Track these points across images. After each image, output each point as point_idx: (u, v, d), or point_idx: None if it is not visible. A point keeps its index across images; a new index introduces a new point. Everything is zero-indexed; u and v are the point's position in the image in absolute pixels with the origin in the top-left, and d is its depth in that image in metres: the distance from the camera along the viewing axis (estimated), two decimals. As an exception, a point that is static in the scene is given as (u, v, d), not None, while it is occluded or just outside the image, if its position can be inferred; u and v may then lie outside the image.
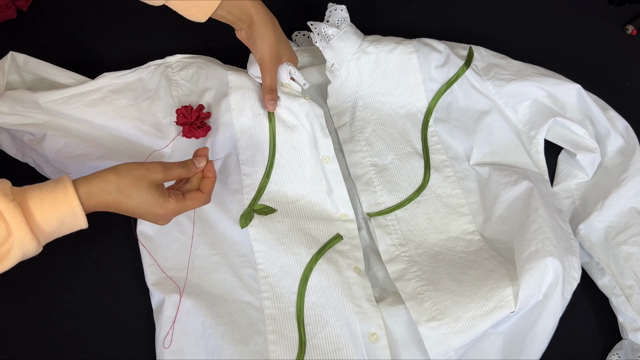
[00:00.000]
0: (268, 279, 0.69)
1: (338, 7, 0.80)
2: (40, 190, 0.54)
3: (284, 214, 0.73)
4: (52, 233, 0.55)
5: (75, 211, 0.55)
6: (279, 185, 0.75)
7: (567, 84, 0.82)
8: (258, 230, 0.71)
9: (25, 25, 0.93)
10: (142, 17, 0.95)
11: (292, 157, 0.76)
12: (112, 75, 0.80)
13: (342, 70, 0.80)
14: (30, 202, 0.53)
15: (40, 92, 0.77)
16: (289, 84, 0.78)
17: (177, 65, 0.83)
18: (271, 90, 0.75)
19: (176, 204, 0.61)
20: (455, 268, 0.70)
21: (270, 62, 0.74)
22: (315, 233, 0.72)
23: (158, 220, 0.62)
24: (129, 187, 0.58)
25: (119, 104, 0.79)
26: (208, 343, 0.66)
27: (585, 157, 0.79)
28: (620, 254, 0.73)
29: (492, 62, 0.85)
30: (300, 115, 0.76)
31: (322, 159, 0.76)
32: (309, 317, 0.67)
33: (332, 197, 0.75)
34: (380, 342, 0.66)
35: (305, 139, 0.76)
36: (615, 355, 0.71)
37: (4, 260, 0.53)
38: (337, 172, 0.76)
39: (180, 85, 0.81)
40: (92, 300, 0.73)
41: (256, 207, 0.72)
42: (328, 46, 0.79)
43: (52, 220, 0.54)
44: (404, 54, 0.80)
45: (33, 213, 0.53)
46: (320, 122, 0.76)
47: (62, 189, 0.55)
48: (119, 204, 0.58)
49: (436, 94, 0.81)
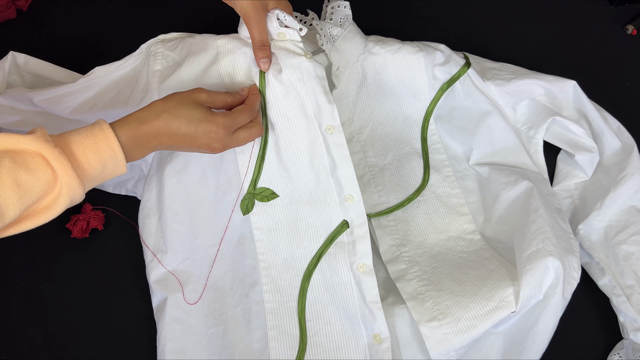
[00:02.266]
0: (269, 270, 0.68)
1: (341, 2, 0.75)
2: (79, 135, 0.54)
3: (285, 199, 0.69)
4: (95, 178, 0.55)
5: (116, 153, 0.55)
6: (276, 164, 0.69)
7: (564, 80, 0.83)
8: (260, 218, 0.69)
9: (25, 25, 0.93)
10: (143, 17, 0.95)
11: (289, 129, 0.68)
12: (105, 69, 0.76)
13: (347, 72, 0.76)
14: (73, 146, 0.53)
15: (34, 91, 0.76)
16: (283, 34, 0.68)
17: (169, 40, 0.75)
18: (262, 46, 0.65)
19: (225, 117, 0.60)
20: (455, 268, 0.70)
21: (255, 11, 0.64)
22: (319, 222, 0.69)
23: (212, 142, 0.60)
24: (175, 107, 0.58)
25: (107, 98, 0.75)
26: (210, 343, 0.66)
27: (583, 157, 0.79)
28: (620, 254, 0.73)
29: (487, 66, 0.86)
30: (298, 77, 0.66)
31: (326, 129, 0.68)
32: (311, 313, 0.66)
33: (336, 175, 0.68)
34: (383, 344, 0.65)
35: (306, 106, 0.67)
36: (616, 355, 0.71)
37: (52, 207, 0.53)
38: (343, 145, 0.68)
39: (165, 57, 0.72)
40: (92, 300, 0.73)
41: (256, 191, 0.69)
42: (334, 48, 0.74)
43: (95, 164, 0.54)
44: (410, 53, 0.77)
45: (78, 157, 0.53)
46: (323, 85, 0.67)
47: (100, 132, 0.55)
48: (169, 125, 0.58)
49: (437, 92, 0.81)
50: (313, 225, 0.69)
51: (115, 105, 0.74)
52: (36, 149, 0.51)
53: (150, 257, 0.70)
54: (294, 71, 0.66)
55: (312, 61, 0.67)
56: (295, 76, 0.66)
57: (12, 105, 0.77)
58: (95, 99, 0.75)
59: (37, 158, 0.51)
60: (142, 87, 0.72)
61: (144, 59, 0.75)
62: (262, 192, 0.69)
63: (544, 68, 0.87)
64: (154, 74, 0.71)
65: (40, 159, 0.51)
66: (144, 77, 0.73)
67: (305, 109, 0.67)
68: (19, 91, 0.77)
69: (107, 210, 0.77)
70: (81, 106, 0.75)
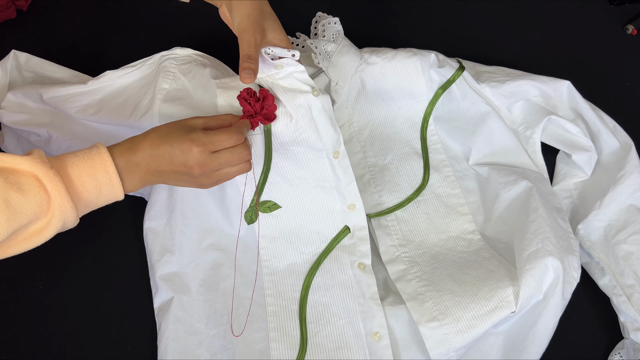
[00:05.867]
0: (272, 276, 0.70)
1: (331, 19, 0.77)
2: (76, 157, 0.53)
3: (289, 210, 0.71)
4: (90, 203, 0.54)
5: (112, 178, 0.54)
6: (280, 182, 0.70)
7: (558, 80, 0.83)
8: (264, 228, 0.70)
9: (25, 25, 0.93)
10: (143, 17, 0.95)
11: (293, 157, 0.69)
12: (115, 74, 0.76)
13: (346, 86, 0.77)
14: (69, 168, 0.52)
15: (45, 87, 0.76)
16: (280, 66, 0.65)
17: (184, 60, 0.75)
18: (248, 58, 0.61)
19: (202, 133, 0.57)
20: (455, 268, 0.70)
21: (250, 26, 0.62)
22: (321, 228, 0.71)
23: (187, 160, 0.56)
24: (163, 128, 0.57)
25: (113, 104, 0.76)
26: (212, 343, 0.67)
27: (580, 157, 0.79)
28: (620, 253, 0.73)
29: (481, 70, 0.86)
30: (306, 114, 0.66)
31: (333, 154, 0.69)
32: (311, 315, 0.67)
33: (340, 189, 0.71)
34: (382, 341, 0.66)
35: (312, 138, 0.67)
36: (617, 355, 0.71)
37: (44, 231, 0.51)
38: (347, 167, 0.70)
39: (176, 79, 0.73)
40: (92, 299, 0.73)
41: (260, 204, 0.71)
42: (331, 64, 0.76)
43: (90, 187, 0.53)
44: (405, 58, 0.78)
45: (73, 179, 0.52)
46: (330, 116, 0.68)
47: (97, 156, 0.53)
48: (152, 144, 0.56)
49: (435, 95, 0.81)
50: (316, 232, 0.71)
51: (119, 115, 0.74)
52: (31, 169, 0.50)
53: (157, 255, 0.70)
54: (301, 109, 0.65)
55: (319, 97, 0.65)
56: (302, 113, 0.65)
57: (21, 102, 0.77)
58: (100, 103, 0.76)
59: (31, 179, 0.50)
60: (146, 102, 0.72)
61: (155, 70, 0.75)
62: (265, 203, 0.71)
63: (543, 68, 0.87)
64: (160, 91, 0.72)
65: (34, 181, 0.50)
66: (150, 91, 0.73)
67: (311, 140, 0.67)
68: (30, 87, 0.77)
69: (109, 210, 0.77)
70: (87, 108, 0.75)
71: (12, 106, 0.76)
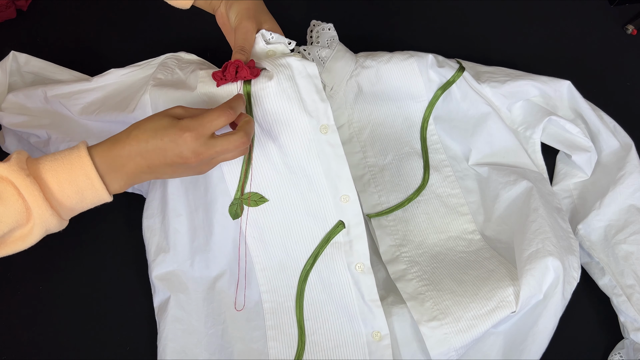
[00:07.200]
0: (265, 271, 0.68)
1: (325, 25, 0.77)
2: (55, 161, 0.50)
3: (276, 203, 0.67)
4: (74, 208, 0.52)
5: (93, 182, 0.51)
6: (265, 168, 0.66)
7: (558, 80, 0.83)
8: (250, 222, 0.67)
9: (25, 25, 0.93)
10: (143, 17, 0.95)
11: (278, 131, 0.64)
12: (120, 72, 0.76)
13: (341, 92, 0.78)
14: (46, 175, 0.49)
15: (48, 85, 0.76)
16: (272, 51, 0.65)
17: (187, 61, 0.74)
18: (242, 50, 0.61)
19: (190, 118, 0.53)
20: (455, 268, 0.70)
21: (246, 19, 0.62)
22: (313, 223, 0.67)
23: (182, 150, 0.53)
24: (145, 121, 0.54)
25: (113, 102, 0.75)
26: (210, 342, 0.66)
27: (580, 157, 0.79)
28: (620, 253, 0.73)
29: (481, 70, 0.86)
30: (288, 75, 0.63)
31: (320, 129, 0.65)
32: (309, 313, 0.67)
33: (330, 177, 0.66)
34: (383, 341, 0.66)
35: (297, 107, 0.64)
36: (617, 355, 0.71)
37: (28, 237, 0.50)
38: (337, 144, 0.65)
39: (172, 73, 0.72)
40: (92, 299, 0.73)
41: (244, 196, 0.67)
42: (325, 69, 0.75)
43: (71, 193, 0.50)
44: (401, 61, 0.78)
45: (50, 187, 0.49)
46: (316, 83, 0.64)
47: (77, 159, 0.50)
48: (138, 140, 0.52)
49: (434, 95, 0.81)
50: (307, 227, 0.68)
51: (120, 110, 0.73)
52: (8, 177, 0.48)
53: (153, 255, 0.70)
54: (284, 69, 0.63)
55: (301, 60, 0.64)
56: (285, 75, 0.63)
57: (22, 103, 0.77)
58: (102, 100, 0.76)
59: (9, 187, 0.48)
60: (141, 93, 0.72)
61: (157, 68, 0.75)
62: (250, 196, 0.67)
63: (543, 68, 0.87)
64: (154, 80, 0.71)
65: (12, 188, 0.48)
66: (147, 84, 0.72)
67: (296, 109, 0.63)
68: (33, 87, 0.77)
69: (109, 210, 0.77)
70: (89, 105, 0.75)
71: (12, 107, 0.76)
